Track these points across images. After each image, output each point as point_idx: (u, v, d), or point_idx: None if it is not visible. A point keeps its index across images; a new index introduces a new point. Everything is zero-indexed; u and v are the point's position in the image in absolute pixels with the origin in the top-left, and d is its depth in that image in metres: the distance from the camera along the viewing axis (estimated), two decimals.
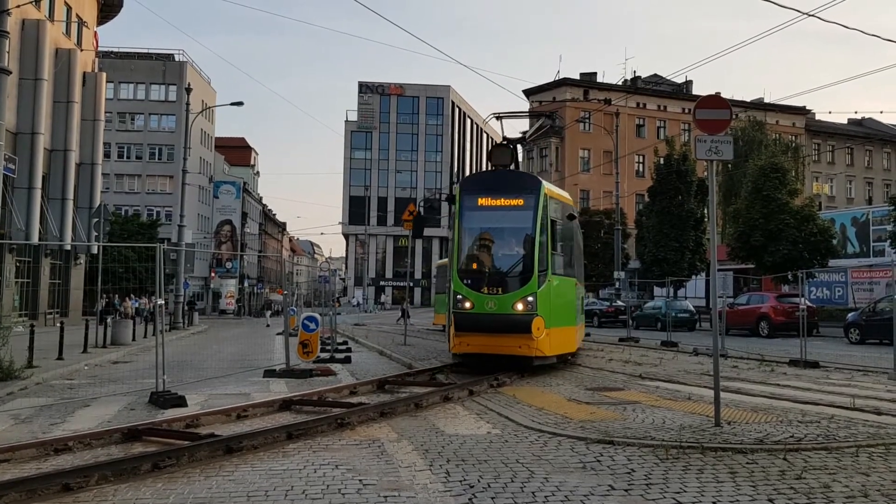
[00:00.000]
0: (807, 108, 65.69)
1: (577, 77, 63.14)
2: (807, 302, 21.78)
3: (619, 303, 35.99)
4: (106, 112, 42.69)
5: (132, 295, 37.07)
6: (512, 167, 14.15)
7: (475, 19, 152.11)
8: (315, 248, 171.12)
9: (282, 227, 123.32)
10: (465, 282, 12.49)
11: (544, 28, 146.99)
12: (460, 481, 5.76)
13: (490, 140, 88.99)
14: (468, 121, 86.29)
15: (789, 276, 28.07)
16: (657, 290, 40.72)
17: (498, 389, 11.16)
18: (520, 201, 12.70)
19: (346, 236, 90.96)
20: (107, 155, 54.16)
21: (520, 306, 12.03)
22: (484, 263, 12.82)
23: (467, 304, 12.30)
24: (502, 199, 12.81)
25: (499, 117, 14.54)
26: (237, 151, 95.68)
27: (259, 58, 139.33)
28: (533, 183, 12.98)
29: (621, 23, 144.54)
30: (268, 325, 37.88)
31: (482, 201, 12.84)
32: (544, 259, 12.35)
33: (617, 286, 38.62)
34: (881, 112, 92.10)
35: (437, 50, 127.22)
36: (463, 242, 12.93)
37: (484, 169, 66.78)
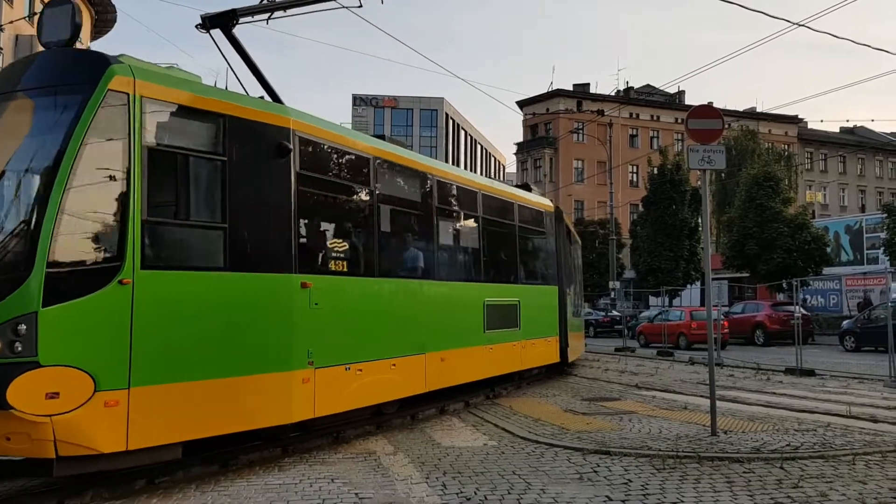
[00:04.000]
0: (799, 116, 65.95)
1: (571, 88, 63.37)
2: (802, 310, 21.84)
3: (615, 313, 36.01)
4: None
5: None
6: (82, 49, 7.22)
7: (468, 32, 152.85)
8: None
9: None
10: None
11: (537, 39, 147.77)
12: (457, 493, 5.74)
13: (484, 151, 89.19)
14: (462, 132, 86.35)
15: (784, 285, 28.16)
16: (652, 300, 40.77)
17: (494, 401, 11.16)
18: (52, 110, 5.95)
19: None
20: None
21: None
22: None
23: None
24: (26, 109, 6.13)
25: None
26: None
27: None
28: (90, 68, 5.98)
29: (613, 34, 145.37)
30: None
31: None
32: (95, 234, 5.74)
33: (612, 296, 38.68)
34: (873, 120, 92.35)
35: (431, 61, 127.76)
36: None
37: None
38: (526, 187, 14.51)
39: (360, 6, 8.55)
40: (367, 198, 8.49)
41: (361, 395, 8.05)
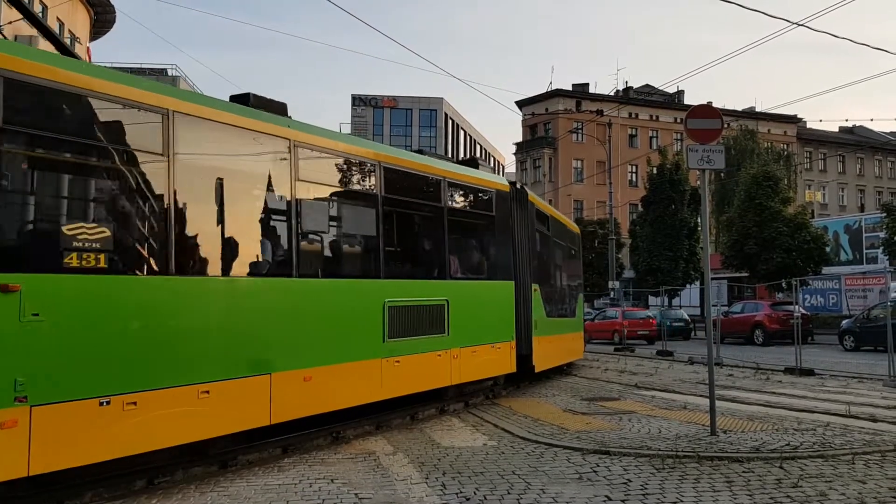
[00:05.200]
0: (798, 116, 66.01)
1: (570, 88, 63.39)
2: (801, 309, 21.84)
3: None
4: None
5: None
6: None
7: (467, 32, 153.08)
8: None
9: None
10: None
11: (536, 39, 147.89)
12: (457, 494, 5.74)
13: (483, 151, 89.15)
14: (461, 132, 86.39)
15: (783, 284, 28.22)
16: (652, 300, 40.80)
17: (494, 401, 11.16)
18: None
19: None
20: None
21: None
22: None
23: None
24: None
25: None
26: None
27: (252, 72, 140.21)
28: None
29: (613, 34, 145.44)
30: None
31: None
32: None
33: (612, 296, 38.68)
34: (872, 120, 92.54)
35: (430, 62, 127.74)
36: None
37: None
38: (472, 163, 11.97)
39: None
40: (152, 166, 6.13)
41: (138, 439, 5.79)
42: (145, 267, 6.10)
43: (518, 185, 12.81)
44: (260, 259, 7.29)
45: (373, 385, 8.41)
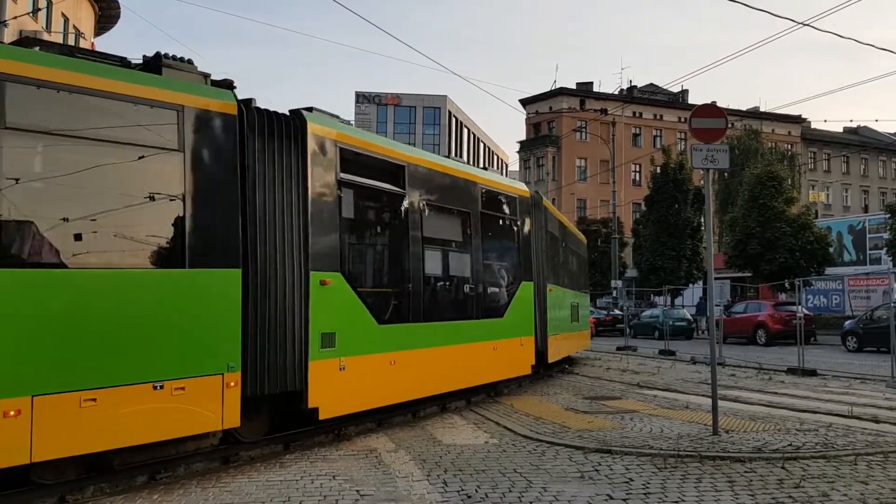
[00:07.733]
0: (802, 116, 65.89)
1: (574, 87, 63.31)
2: (804, 310, 21.81)
3: (617, 311, 36.00)
4: None
5: None
6: None
7: (471, 30, 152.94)
8: None
9: None
10: None
11: (540, 38, 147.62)
12: (458, 491, 5.74)
13: (487, 149, 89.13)
14: (465, 130, 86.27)
15: (786, 285, 28.15)
16: (655, 299, 40.76)
17: (496, 399, 11.16)
18: None
19: None
20: None
21: None
22: None
23: None
24: None
25: None
26: None
27: (255, 68, 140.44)
28: None
29: (617, 32, 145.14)
30: None
31: None
32: None
33: (614, 295, 38.67)
34: (876, 120, 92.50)
35: (433, 60, 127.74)
36: None
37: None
38: (153, 64, 6.48)
39: None
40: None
41: None
42: None
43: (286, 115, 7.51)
44: None
45: None
